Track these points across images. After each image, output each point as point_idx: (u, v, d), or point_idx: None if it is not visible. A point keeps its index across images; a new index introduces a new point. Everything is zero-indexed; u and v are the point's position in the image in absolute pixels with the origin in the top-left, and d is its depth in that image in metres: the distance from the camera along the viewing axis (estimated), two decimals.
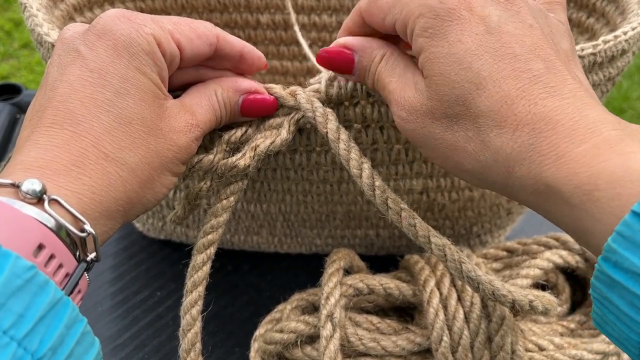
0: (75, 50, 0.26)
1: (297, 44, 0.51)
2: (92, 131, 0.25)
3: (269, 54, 0.54)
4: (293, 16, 0.45)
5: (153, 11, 0.51)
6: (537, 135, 0.23)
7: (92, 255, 0.25)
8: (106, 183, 0.25)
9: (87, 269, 0.25)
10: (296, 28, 0.44)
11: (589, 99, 0.23)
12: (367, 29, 0.30)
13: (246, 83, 0.31)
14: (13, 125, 0.63)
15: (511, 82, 0.23)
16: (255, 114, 0.31)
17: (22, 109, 0.65)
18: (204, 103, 0.29)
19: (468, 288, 0.35)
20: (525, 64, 0.24)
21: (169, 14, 0.52)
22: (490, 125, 0.24)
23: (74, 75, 0.26)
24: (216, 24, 0.53)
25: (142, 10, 0.51)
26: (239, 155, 0.30)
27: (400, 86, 0.27)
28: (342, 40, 0.30)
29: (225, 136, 0.31)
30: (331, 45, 0.30)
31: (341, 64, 0.29)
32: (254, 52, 0.32)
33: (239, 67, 0.32)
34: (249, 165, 0.30)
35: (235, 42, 0.31)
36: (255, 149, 0.31)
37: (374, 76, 0.29)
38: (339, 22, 0.51)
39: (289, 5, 0.47)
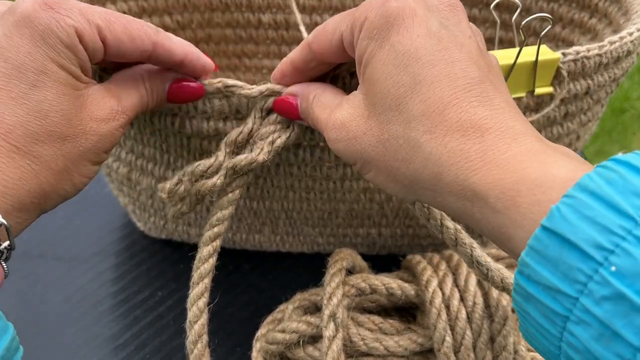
0: None
1: (299, 43, 0.51)
2: (3, 124, 0.25)
3: (271, 54, 0.54)
4: (299, 16, 0.45)
5: (155, 10, 0.51)
6: (467, 141, 0.23)
7: (5, 244, 0.24)
8: (18, 176, 0.25)
9: (5, 259, 0.25)
10: (302, 28, 0.43)
11: (515, 113, 0.24)
12: (312, 63, 0.30)
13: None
14: None
15: (445, 87, 0.24)
16: (181, 100, 0.31)
17: None
18: (130, 89, 0.29)
19: (470, 288, 0.35)
20: (462, 71, 0.24)
21: (171, 13, 0.52)
22: (421, 131, 0.24)
23: None
24: (217, 24, 0.53)
25: (143, 10, 0.51)
26: (257, 150, 0.31)
27: (328, 112, 0.28)
28: (287, 89, 0.31)
29: (233, 135, 0.31)
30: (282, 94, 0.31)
31: (287, 110, 0.31)
32: (197, 62, 0.31)
33: (180, 71, 0.31)
34: (267, 160, 0.31)
35: (176, 52, 0.29)
36: (273, 144, 0.31)
37: (311, 115, 0.30)
38: None
39: (294, 6, 0.47)
